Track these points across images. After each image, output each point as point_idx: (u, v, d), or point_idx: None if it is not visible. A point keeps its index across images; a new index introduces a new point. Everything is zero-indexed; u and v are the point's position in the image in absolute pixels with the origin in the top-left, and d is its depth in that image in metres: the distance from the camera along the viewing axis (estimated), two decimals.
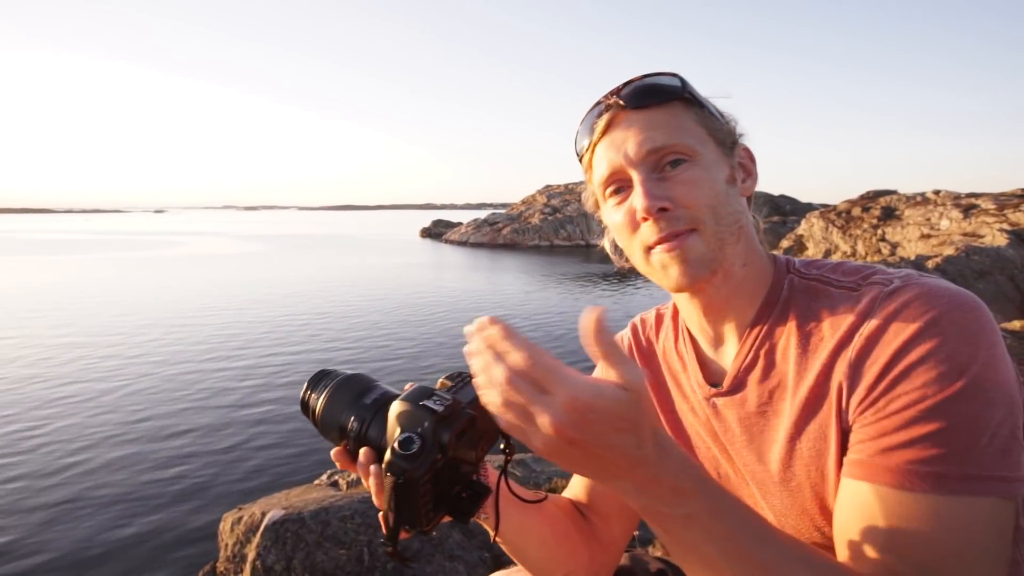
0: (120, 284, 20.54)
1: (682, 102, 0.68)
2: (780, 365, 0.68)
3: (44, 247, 44.05)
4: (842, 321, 0.63)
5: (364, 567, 2.81)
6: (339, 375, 0.66)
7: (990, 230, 14.56)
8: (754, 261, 0.72)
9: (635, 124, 0.67)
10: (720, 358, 0.76)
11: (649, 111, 0.67)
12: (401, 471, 0.53)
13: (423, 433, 0.54)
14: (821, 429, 0.63)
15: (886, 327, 0.59)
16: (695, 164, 0.66)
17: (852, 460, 0.58)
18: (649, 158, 0.66)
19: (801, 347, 0.66)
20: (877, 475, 0.55)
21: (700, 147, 0.67)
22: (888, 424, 0.56)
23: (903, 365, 0.56)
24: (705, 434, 0.77)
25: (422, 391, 0.59)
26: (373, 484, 0.61)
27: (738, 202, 0.70)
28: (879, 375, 0.57)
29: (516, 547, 0.78)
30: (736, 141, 0.72)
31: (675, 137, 0.66)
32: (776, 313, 0.70)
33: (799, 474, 0.66)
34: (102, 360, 9.86)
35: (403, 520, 0.56)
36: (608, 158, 0.69)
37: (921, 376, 0.55)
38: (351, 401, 0.63)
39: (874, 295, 0.62)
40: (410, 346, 10.74)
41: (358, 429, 0.62)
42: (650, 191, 0.65)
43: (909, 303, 0.58)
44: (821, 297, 0.67)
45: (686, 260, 0.66)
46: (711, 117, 0.70)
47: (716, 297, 0.71)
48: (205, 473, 5.84)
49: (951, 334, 0.55)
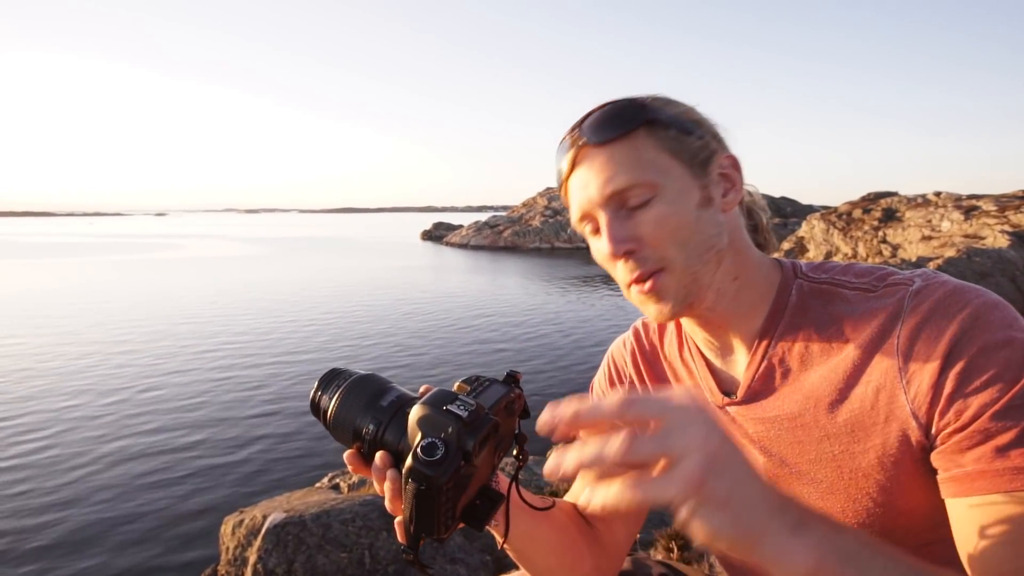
0: (121, 288, 20.56)
1: (645, 128, 0.65)
2: (799, 371, 0.67)
3: (46, 250, 44.12)
4: (867, 323, 0.62)
5: (365, 570, 2.81)
6: (352, 375, 0.64)
7: (991, 231, 14.54)
8: (748, 272, 0.70)
9: (596, 162, 0.66)
10: (730, 367, 0.75)
11: (610, 147, 0.65)
12: (424, 478, 0.51)
13: (447, 439, 0.53)
14: (856, 432, 0.62)
15: (925, 326, 0.58)
16: (659, 199, 0.64)
17: (958, 475, 0.56)
18: (612, 199, 0.65)
19: (822, 352, 0.65)
20: (991, 484, 0.53)
21: (663, 178, 0.64)
22: (982, 426, 0.54)
23: (964, 362, 0.55)
24: None
25: (444, 395, 0.57)
26: (388, 489, 0.59)
27: (714, 224, 0.67)
28: (939, 377, 0.56)
29: (524, 554, 0.77)
30: (711, 155, 0.68)
31: (636, 175, 0.64)
32: (786, 319, 0.69)
33: (830, 476, 0.65)
34: (102, 364, 9.86)
35: (423, 528, 0.54)
36: (577, 199, 0.69)
37: (991, 370, 0.54)
38: (367, 403, 0.61)
39: (901, 295, 0.61)
40: (413, 349, 10.73)
41: (374, 432, 0.60)
42: (614, 235, 0.65)
43: (943, 301, 0.58)
44: (836, 300, 0.66)
45: (659, 299, 0.67)
46: (678, 138, 0.66)
47: (712, 315, 0.70)
48: (206, 476, 5.84)
49: (997, 325, 0.55)
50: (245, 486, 5.63)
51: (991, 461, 0.53)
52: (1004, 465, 0.53)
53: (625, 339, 0.91)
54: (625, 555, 0.89)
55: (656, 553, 2.72)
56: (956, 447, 0.56)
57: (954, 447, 0.56)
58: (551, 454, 0.48)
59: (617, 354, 0.91)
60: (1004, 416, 0.53)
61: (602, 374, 0.92)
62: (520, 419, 0.66)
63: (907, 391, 0.58)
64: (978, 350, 0.54)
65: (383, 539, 2.91)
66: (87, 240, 59.61)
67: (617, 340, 0.92)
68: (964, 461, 0.55)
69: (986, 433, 0.54)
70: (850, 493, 0.64)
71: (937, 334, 0.57)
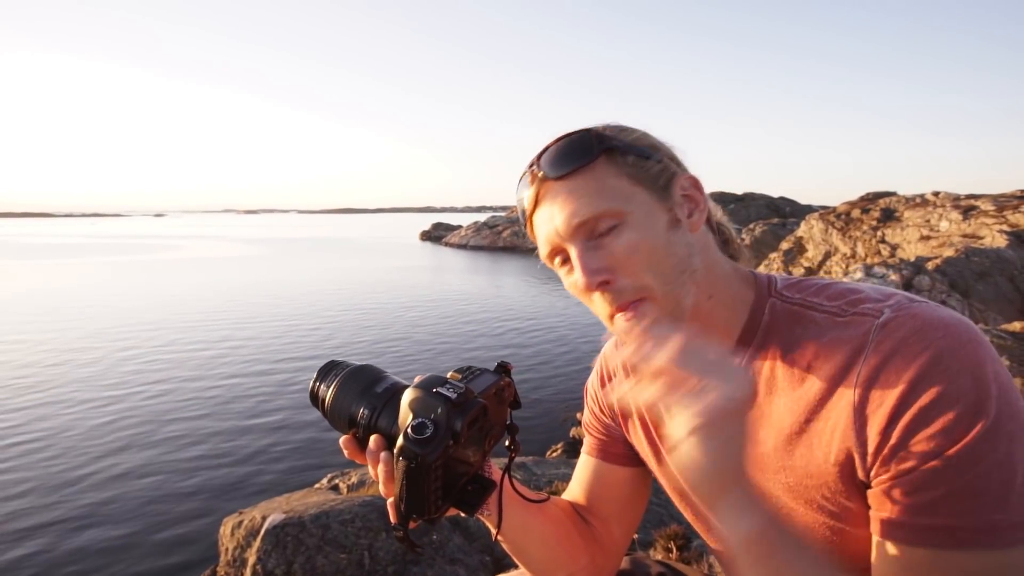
0: (122, 289, 20.55)
1: (604, 157, 0.65)
2: (764, 396, 0.66)
3: (46, 251, 44.08)
4: (831, 354, 0.61)
5: (365, 571, 2.81)
6: (348, 365, 0.67)
7: (990, 231, 14.56)
8: (721, 290, 0.69)
9: (558, 196, 0.65)
10: None
11: (571, 179, 0.65)
12: (414, 455, 0.53)
13: (436, 419, 0.55)
14: (809, 467, 0.62)
15: (884, 367, 0.56)
16: (627, 226, 0.64)
17: (884, 519, 0.56)
18: (579, 231, 0.64)
19: (787, 379, 0.65)
20: (916, 536, 0.53)
21: (627, 205, 0.64)
22: (915, 480, 0.53)
23: (914, 411, 0.54)
24: None
25: (435, 379, 0.59)
26: (382, 471, 0.60)
27: (685, 245, 0.66)
28: (888, 423, 0.55)
29: (518, 546, 0.78)
30: (672, 178, 0.68)
31: (599, 204, 0.63)
32: (757, 341, 0.68)
33: (788, 503, 0.65)
34: (102, 366, 9.86)
35: (413, 507, 0.56)
36: (543, 233, 0.68)
37: (938, 423, 0.53)
38: (362, 390, 0.63)
39: (868, 327, 0.60)
40: (413, 350, 10.74)
41: (368, 417, 0.62)
42: (587, 266, 0.64)
43: (906, 339, 0.56)
44: (805, 323, 0.65)
45: (645, 328, 0.65)
46: (637, 164, 0.66)
47: (688, 334, 0.70)
48: (204, 476, 5.84)
49: (957, 371, 0.53)
50: (244, 487, 5.63)
51: (916, 514, 0.53)
52: (930, 521, 0.53)
53: (616, 340, 0.91)
54: (623, 553, 0.89)
55: (655, 553, 2.72)
56: (889, 492, 0.56)
57: (887, 491, 0.56)
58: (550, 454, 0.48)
59: (609, 356, 0.91)
60: (940, 473, 0.52)
61: (594, 375, 0.93)
62: (511, 409, 0.68)
63: (859, 433, 0.57)
64: (931, 401, 0.53)
65: (382, 540, 2.91)
66: (88, 241, 59.61)
67: (609, 342, 0.93)
68: (893, 508, 0.55)
69: (919, 486, 0.53)
70: (807, 523, 0.64)
71: (895, 376, 0.55)
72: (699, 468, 0.73)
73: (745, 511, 0.68)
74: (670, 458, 0.78)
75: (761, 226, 23.93)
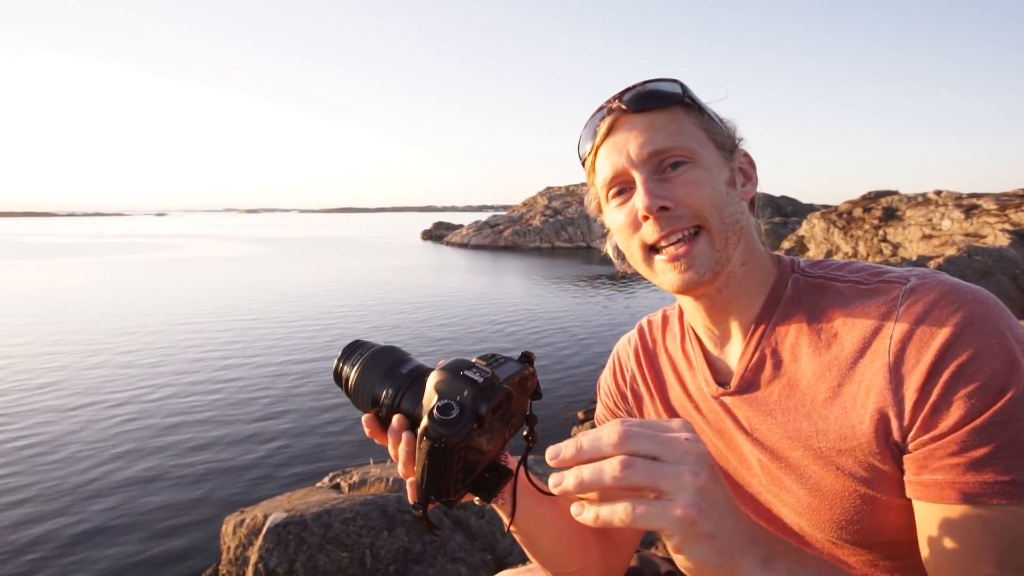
0: (125, 288, 20.58)
1: (682, 106, 0.69)
2: (789, 363, 0.68)
3: (51, 251, 44.17)
4: (859, 319, 0.62)
5: (367, 570, 2.81)
6: (374, 346, 0.67)
7: (992, 230, 14.54)
8: (753, 260, 0.72)
9: (636, 127, 0.68)
10: (726, 357, 0.76)
11: (650, 114, 0.68)
12: (439, 436, 0.53)
13: (462, 401, 0.55)
14: (844, 430, 0.62)
15: (918, 327, 0.58)
16: (696, 165, 0.67)
17: (929, 482, 0.57)
18: (651, 160, 0.67)
19: (812, 345, 0.66)
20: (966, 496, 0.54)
21: (700, 149, 0.68)
22: (960, 438, 0.54)
23: (952, 370, 0.55)
24: (712, 432, 0.77)
25: (461, 363, 0.59)
26: (403, 451, 0.61)
27: (738, 204, 0.70)
28: (927, 381, 0.56)
29: (530, 537, 0.78)
30: (736, 145, 0.73)
31: (676, 139, 0.67)
32: (780, 310, 0.70)
33: (817, 472, 0.65)
34: (106, 365, 9.88)
35: (433, 487, 0.56)
36: (611, 160, 0.70)
37: (977, 381, 0.54)
38: (387, 371, 0.64)
39: (895, 293, 0.61)
40: (417, 349, 10.72)
41: (393, 397, 0.62)
42: (652, 191, 0.66)
43: (937, 303, 0.58)
44: (829, 294, 0.67)
45: (690, 265, 0.67)
46: (711, 121, 0.70)
47: (718, 297, 0.71)
48: (207, 475, 5.84)
49: (989, 332, 0.55)
50: (246, 485, 5.63)
51: (963, 473, 0.54)
52: (976, 479, 0.54)
53: (631, 337, 0.93)
54: (633, 550, 0.89)
55: (662, 550, 2.71)
56: (931, 454, 0.56)
57: (929, 453, 0.56)
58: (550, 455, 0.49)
59: (622, 351, 0.93)
60: (983, 431, 0.53)
61: (608, 371, 0.95)
62: (532, 399, 0.68)
63: (895, 392, 0.58)
64: (968, 358, 0.54)
65: (384, 538, 2.90)
66: (91, 241, 59.72)
67: (623, 338, 0.95)
68: (937, 468, 0.56)
69: (963, 445, 0.54)
70: (836, 490, 0.64)
71: (929, 337, 0.57)
72: (729, 449, 0.76)
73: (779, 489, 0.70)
74: None
75: (763, 225, 23.87)
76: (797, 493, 0.68)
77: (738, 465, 0.75)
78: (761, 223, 0.80)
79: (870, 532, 0.64)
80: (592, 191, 0.77)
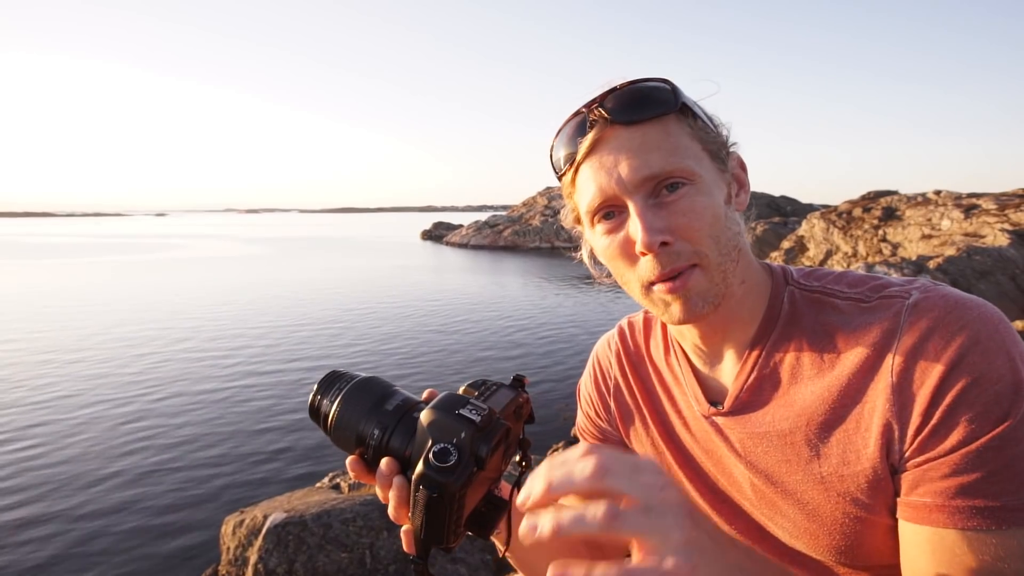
0: (126, 288, 20.58)
1: (676, 114, 0.61)
2: (788, 385, 0.64)
3: (49, 251, 44.14)
4: (861, 337, 0.59)
5: (366, 570, 2.81)
6: (353, 377, 0.61)
7: (991, 230, 14.53)
8: (751, 277, 0.67)
9: (626, 144, 0.60)
10: (718, 375, 0.71)
11: (641, 127, 0.60)
12: (437, 485, 0.49)
13: (460, 444, 0.51)
14: (847, 454, 0.60)
15: (923, 347, 0.55)
16: (695, 189, 0.60)
17: (918, 504, 0.55)
18: (645, 185, 0.59)
19: (813, 366, 0.63)
20: (948, 520, 0.53)
21: (698, 167, 0.60)
22: (954, 461, 0.53)
23: (956, 392, 0.53)
24: (700, 451, 0.74)
25: (455, 399, 0.54)
26: (394, 496, 0.56)
27: (736, 223, 0.64)
28: (930, 404, 0.54)
29: (526, 563, 0.75)
30: (729, 152, 0.65)
31: (673, 160, 0.59)
32: (778, 330, 0.66)
33: (816, 498, 0.63)
34: (105, 366, 9.88)
35: (432, 537, 0.52)
36: (598, 182, 0.61)
37: (979, 404, 0.52)
38: (370, 407, 0.58)
39: (897, 309, 0.58)
40: (415, 349, 10.73)
41: (380, 437, 0.57)
42: (650, 224, 0.58)
43: (941, 320, 0.55)
44: (828, 310, 0.64)
45: (689, 299, 0.61)
46: (705, 128, 0.63)
47: (715, 319, 0.66)
48: (206, 475, 5.84)
49: (994, 353, 0.53)
50: (245, 486, 5.63)
51: (952, 497, 0.53)
52: (965, 503, 0.52)
53: (610, 339, 0.87)
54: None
55: None
56: (922, 475, 0.55)
57: (920, 475, 0.55)
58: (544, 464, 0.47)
59: (602, 354, 0.88)
60: (978, 456, 0.52)
61: (587, 376, 0.89)
62: (525, 424, 0.65)
63: (899, 415, 0.56)
64: (972, 381, 0.53)
65: (384, 539, 2.91)
66: (92, 241, 59.62)
67: (602, 339, 0.89)
68: (927, 491, 0.54)
69: (955, 468, 0.53)
70: (835, 516, 0.62)
71: (934, 356, 0.54)
72: (719, 470, 0.72)
73: (773, 512, 0.67)
74: (683, 465, 0.76)
75: (762, 225, 23.88)
76: (794, 517, 0.65)
77: (728, 486, 0.72)
78: (758, 225, 0.75)
79: (869, 555, 0.62)
80: (569, 204, 0.70)
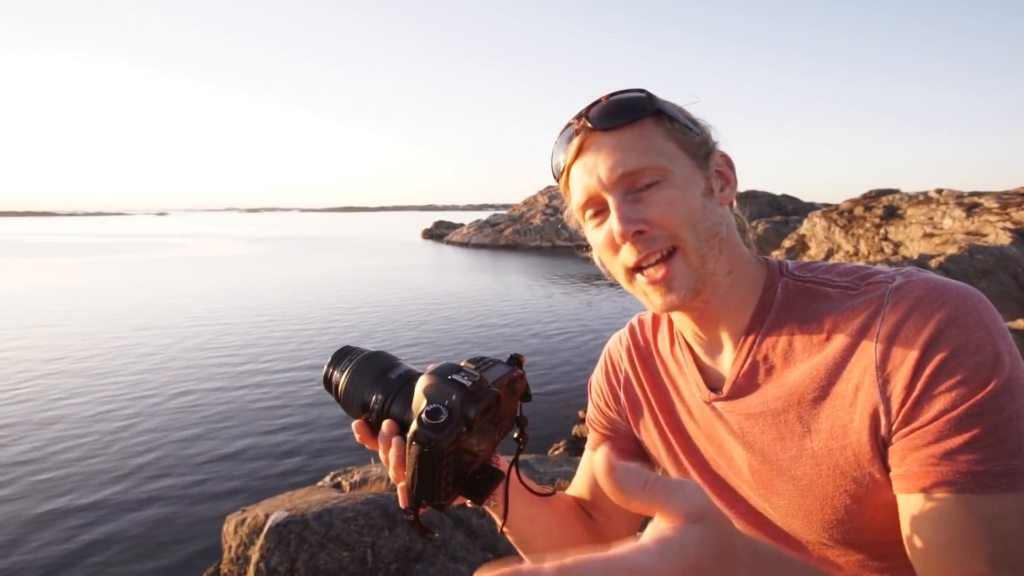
0: (130, 287, 20.61)
1: (652, 118, 0.67)
2: (781, 368, 0.68)
3: (51, 250, 44.20)
4: (848, 320, 0.63)
5: (368, 568, 2.82)
6: (362, 351, 0.67)
7: (993, 228, 14.52)
8: (740, 267, 0.71)
9: (605, 147, 0.67)
10: (718, 364, 0.76)
11: (618, 132, 0.66)
12: (428, 440, 0.54)
13: (450, 405, 0.55)
14: (835, 428, 0.63)
15: (903, 325, 0.58)
16: (668, 183, 0.66)
17: (905, 473, 0.57)
18: (622, 182, 0.66)
19: (804, 350, 0.66)
20: (938, 484, 0.55)
21: (672, 165, 0.66)
22: (937, 428, 0.55)
23: (935, 364, 0.56)
24: (703, 437, 0.77)
25: (449, 367, 0.60)
26: (394, 456, 0.61)
27: (716, 214, 0.69)
28: (912, 377, 0.57)
29: (523, 538, 0.78)
30: (711, 150, 0.71)
31: (646, 158, 0.65)
32: (771, 317, 0.70)
33: (809, 473, 0.66)
34: (104, 366, 9.89)
35: (424, 492, 0.57)
36: (583, 183, 0.69)
37: (958, 375, 0.55)
38: (376, 376, 0.64)
39: (881, 292, 0.62)
40: (415, 347, 10.74)
41: (382, 402, 0.63)
42: (625, 215, 0.65)
43: (922, 299, 0.59)
44: (820, 298, 0.67)
45: (670, 287, 0.67)
46: (682, 130, 0.69)
47: (706, 309, 0.71)
48: (208, 474, 5.86)
49: (973, 327, 0.56)
50: (247, 485, 5.65)
51: (937, 463, 0.55)
52: (949, 468, 0.54)
53: (621, 335, 0.92)
54: None
55: None
56: (909, 444, 0.57)
57: (907, 444, 0.57)
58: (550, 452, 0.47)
59: (614, 350, 0.92)
60: (960, 422, 0.54)
61: (599, 370, 0.94)
62: (522, 401, 0.69)
63: (882, 389, 0.59)
64: (951, 353, 0.55)
65: (385, 537, 2.91)
66: (95, 240, 59.75)
67: (614, 336, 0.93)
68: (914, 459, 0.57)
69: (939, 435, 0.55)
70: (827, 490, 0.65)
71: (914, 332, 0.58)
72: (720, 455, 0.76)
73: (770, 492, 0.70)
74: (688, 453, 0.79)
75: (764, 224, 23.88)
76: (788, 495, 0.69)
77: (728, 471, 0.75)
78: (747, 222, 0.79)
79: (860, 531, 0.65)
80: (570, 207, 0.77)
